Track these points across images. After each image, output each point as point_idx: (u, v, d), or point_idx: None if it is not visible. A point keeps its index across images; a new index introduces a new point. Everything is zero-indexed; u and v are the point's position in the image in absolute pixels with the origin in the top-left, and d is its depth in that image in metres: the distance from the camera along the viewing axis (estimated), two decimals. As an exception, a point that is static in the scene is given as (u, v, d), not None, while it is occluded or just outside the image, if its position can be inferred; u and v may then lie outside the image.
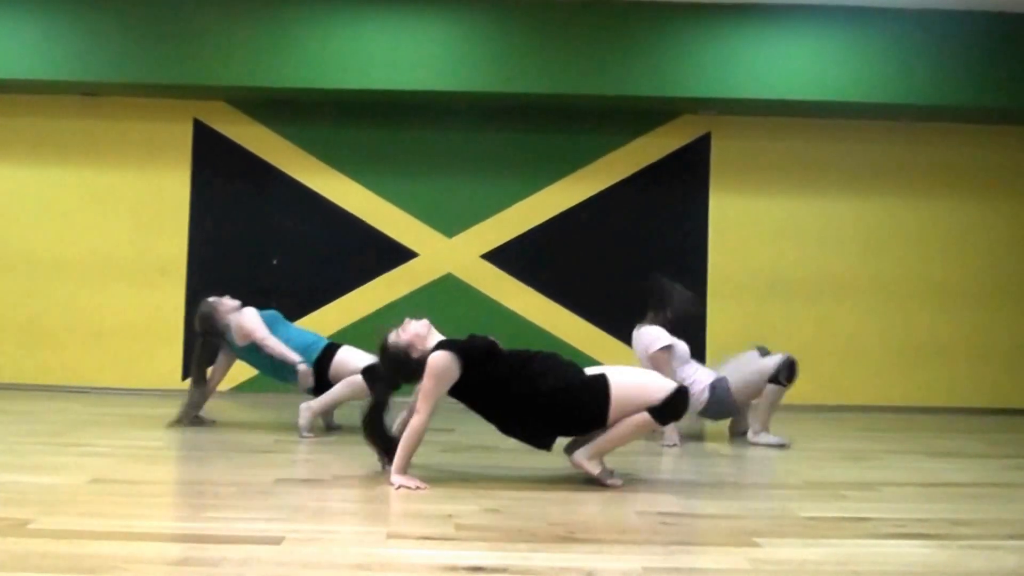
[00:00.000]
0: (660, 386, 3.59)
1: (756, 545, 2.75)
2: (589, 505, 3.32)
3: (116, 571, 2.32)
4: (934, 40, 6.48)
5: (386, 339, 3.72)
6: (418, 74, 6.42)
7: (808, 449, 4.91)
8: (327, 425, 5.09)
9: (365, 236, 6.87)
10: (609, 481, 3.63)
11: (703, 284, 6.96)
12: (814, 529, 2.99)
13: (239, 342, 5.07)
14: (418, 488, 3.47)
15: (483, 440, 4.74)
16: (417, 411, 3.57)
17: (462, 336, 3.74)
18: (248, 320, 5.05)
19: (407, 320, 3.77)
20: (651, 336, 5.03)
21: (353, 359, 4.95)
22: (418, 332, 3.69)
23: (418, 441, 3.58)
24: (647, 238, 6.96)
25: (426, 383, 3.55)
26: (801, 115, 6.90)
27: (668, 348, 4.99)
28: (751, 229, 6.99)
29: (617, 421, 3.61)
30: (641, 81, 6.39)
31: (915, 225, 7.09)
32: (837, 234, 7.04)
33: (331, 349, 5.05)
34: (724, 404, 5.04)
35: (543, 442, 3.72)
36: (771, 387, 4.95)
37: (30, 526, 2.73)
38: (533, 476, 3.83)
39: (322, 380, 4.97)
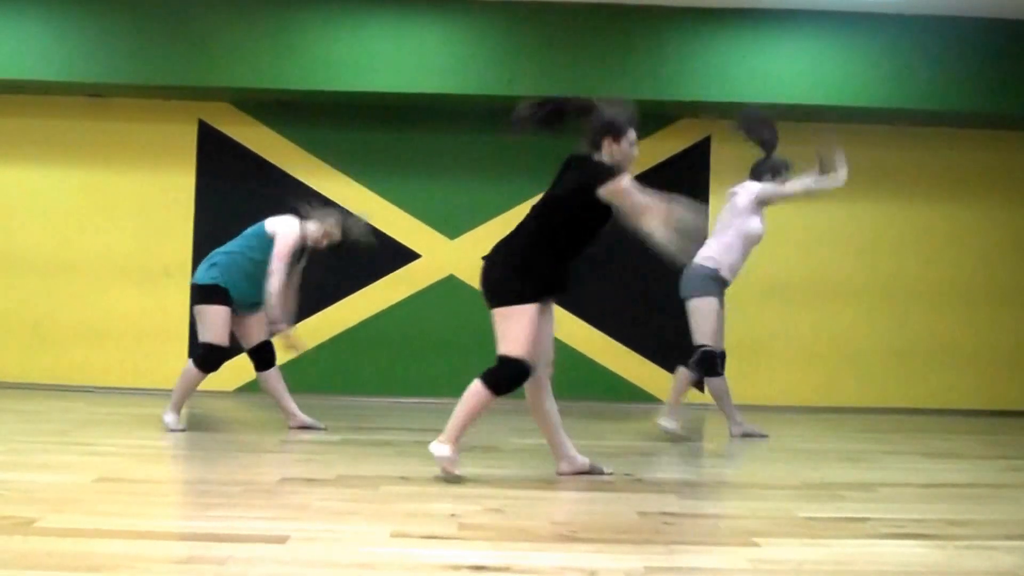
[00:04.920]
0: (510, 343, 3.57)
1: (756, 545, 2.77)
2: (591, 505, 3.35)
3: (122, 569, 2.33)
4: (931, 45, 6.52)
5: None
6: (421, 77, 6.45)
7: (807, 450, 4.94)
8: (299, 426, 5.00)
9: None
10: (605, 471, 3.78)
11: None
12: (813, 529, 3.01)
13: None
14: None
15: (486, 440, 4.77)
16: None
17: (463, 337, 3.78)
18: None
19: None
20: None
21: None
22: None
23: None
24: (647, 241, 6.97)
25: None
26: (799, 119, 6.91)
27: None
28: (752, 231, 7.00)
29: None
30: (641, 85, 6.41)
31: (912, 228, 7.12)
32: (834, 237, 7.07)
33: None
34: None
35: None
36: (714, 380, 5.09)
37: (36, 524, 2.74)
38: (536, 476, 3.85)
39: None
